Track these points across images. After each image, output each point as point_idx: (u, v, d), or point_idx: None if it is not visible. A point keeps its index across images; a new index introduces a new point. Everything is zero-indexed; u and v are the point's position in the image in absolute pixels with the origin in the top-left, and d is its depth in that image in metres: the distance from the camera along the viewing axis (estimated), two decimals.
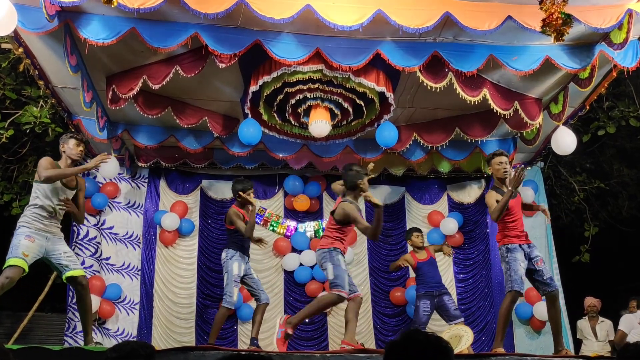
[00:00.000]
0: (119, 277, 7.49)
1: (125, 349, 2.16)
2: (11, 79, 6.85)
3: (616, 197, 9.31)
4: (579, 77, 5.62)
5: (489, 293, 7.93)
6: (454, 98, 5.58)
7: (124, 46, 5.12)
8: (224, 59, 5.01)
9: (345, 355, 4.19)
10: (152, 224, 7.71)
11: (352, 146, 7.05)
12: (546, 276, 5.05)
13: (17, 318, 8.08)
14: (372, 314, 7.83)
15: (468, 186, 8.36)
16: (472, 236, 8.17)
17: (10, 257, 4.60)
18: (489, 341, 7.60)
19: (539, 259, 5.09)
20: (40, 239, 4.69)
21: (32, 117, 6.71)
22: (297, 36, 5.03)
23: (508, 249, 5.05)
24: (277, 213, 8.11)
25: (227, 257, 5.82)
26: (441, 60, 5.18)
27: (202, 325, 7.53)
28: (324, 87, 5.62)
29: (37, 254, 4.68)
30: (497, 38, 5.03)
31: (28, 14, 4.60)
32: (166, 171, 7.97)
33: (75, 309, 7.16)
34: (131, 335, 7.35)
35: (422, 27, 4.65)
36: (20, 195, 7.59)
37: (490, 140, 7.19)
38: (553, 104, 6.26)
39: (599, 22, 4.67)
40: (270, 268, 7.92)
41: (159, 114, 6.16)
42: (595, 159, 8.99)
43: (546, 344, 7.62)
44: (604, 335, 7.55)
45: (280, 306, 7.78)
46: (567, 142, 6.15)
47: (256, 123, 6.03)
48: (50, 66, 5.62)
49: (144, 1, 4.37)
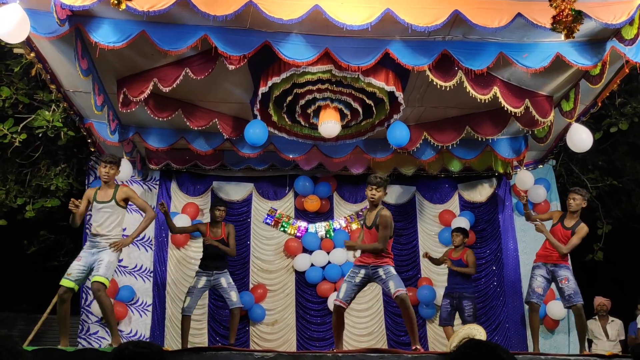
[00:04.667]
0: (131, 279, 7.54)
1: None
2: (23, 83, 6.91)
3: (629, 194, 9.20)
4: (590, 73, 5.56)
5: (501, 292, 7.89)
6: (464, 96, 5.55)
7: (134, 49, 5.15)
8: (233, 60, 5.02)
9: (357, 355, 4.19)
10: (164, 225, 7.74)
11: (362, 146, 7.04)
12: (566, 293, 5.78)
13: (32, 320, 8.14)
14: (384, 315, 7.81)
15: (479, 185, 8.32)
16: (484, 235, 8.13)
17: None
18: (501, 340, 7.56)
19: (563, 278, 5.81)
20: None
21: (45, 121, 6.76)
22: (306, 37, 5.03)
23: (533, 266, 6.14)
24: (288, 214, 8.13)
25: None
26: (451, 59, 5.16)
27: (214, 326, 7.55)
28: (333, 87, 5.62)
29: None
30: (507, 35, 5.00)
31: (39, 18, 4.64)
32: (177, 173, 8.01)
33: (89, 312, 7.25)
34: (144, 336, 7.39)
35: (431, 25, 4.63)
36: (34, 199, 7.65)
37: (501, 139, 7.16)
38: (564, 101, 6.21)
39: (609, 18, 4.62)
40: (282, 269, 7.94)
41: (170, 116, 6.19)
42: (608, 156, 8.90)
43: (559, 343, 7.58)
44: (615, 334, 7.48)
45: (292, 307, 7.79)
46: (582, 139, 6.10)
47: (262, 124, 6.03)
48: (62, 70, 5.66)
49: (153, 4, 4.39)
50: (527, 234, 8.04)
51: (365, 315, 7.76)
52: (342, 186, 8.22)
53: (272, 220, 8.04)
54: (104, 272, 5.19)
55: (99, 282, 5.14)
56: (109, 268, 5.24)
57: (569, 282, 5.77)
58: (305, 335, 7.63)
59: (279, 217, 8.07)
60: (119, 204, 5.44)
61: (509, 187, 8.22)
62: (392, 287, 5.06)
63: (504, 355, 1.76)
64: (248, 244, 7.94)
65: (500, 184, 8.27)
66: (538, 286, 5.92)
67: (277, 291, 7.82)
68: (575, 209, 5.92)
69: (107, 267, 5.21)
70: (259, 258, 7.93)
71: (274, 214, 8.05)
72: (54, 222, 8.96)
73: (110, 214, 5.41)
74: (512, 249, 7.98)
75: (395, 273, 5.15)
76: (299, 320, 7.75)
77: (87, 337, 7.18)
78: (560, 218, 6.06)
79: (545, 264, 5.95)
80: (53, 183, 7.53)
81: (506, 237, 8.07)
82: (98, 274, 5.17)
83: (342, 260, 7.78)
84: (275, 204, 8.12)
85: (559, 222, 6.01)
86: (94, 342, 7.16)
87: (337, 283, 7.73)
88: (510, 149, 7.27)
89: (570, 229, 5.89)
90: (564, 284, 5.78)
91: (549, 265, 5.92)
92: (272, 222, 8.05)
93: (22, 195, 7.61)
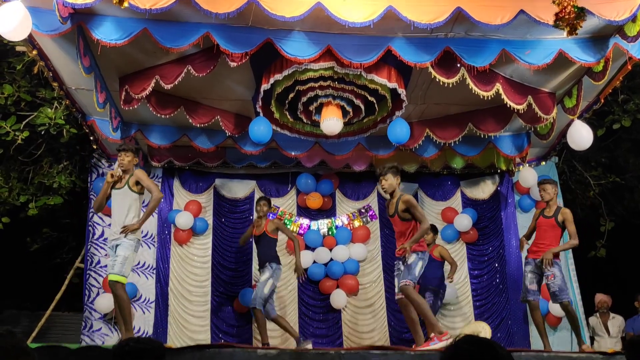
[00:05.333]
0: (134, 276, 7.54)
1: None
2: (26, 81, 6.92)
3: (632, 191, 9.19)
4: (593, 70, 5.56)
5: (504, 289, 7.88)
6: (466, 93, 5.54)
7: (136, 47, 5.16)
8: (235, 58, 5.03)
9: (360, 352, 4.20)
10: (167, 223, 7.76)
11: (364, 143, 7.04)
12: (552, 290, 5.78)
13: (35, 317, 8.17)
14: (387, 312, 7.81)
15: (482, 182, 8.31)
16: (487, 232, 8.12)
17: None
18: (504, 338, 7.56)
19: (550, 275, 5.76)
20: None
21: (47, 119, 6.77)
22: (308, 34, 5.03)
23: (524, 262, 6.21)
24: (290, 211, 8.13)
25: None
26: (453, 56, 5.15)
27: (217, 323, 7.56)
28: (336, 84, 5.62)
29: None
30: (509, 32, 4.99)
31: (41, 16, 4.66)
32: (179, 171, 8.02)
33: (92, 309, 7.27)
34: (147, 333, 7.41)
35: (433, 22, 4.63)
36: (36, 197, 7.67)
37: (503, 136, 7.15)
38: (567, 98, 6.20)
39: (612, 15, 4.62)
40: (284, 265, 7.91)
41: (172, 113, 6.20)
42: (611, 153, 8.88)
43: (562, 341, 7.57)
44: (616, 331, 7.48)
45: (295, 303, 7.80)
46: (583, 137, 6.09)
47: (266, 121, 6.04)
48: (64, 68, 5.67)
49: (155, 1, 4.39)
50: None
51: (367, 312, 7.77)
52: (344, 183, 8.22)
53: (275, 217, 8.05)
54: (119, 269, 5.14)
55: (111, 281, 5.12)
56: (123, 264, 5.15)
57: (555, 278, 5.74)
58: (308, 332, 7.63)
59: (281, 214, 8.07)
60: (132, 188, 5.35)
61: (512, 184, 8.22)
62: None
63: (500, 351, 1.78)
64: (250, 241, 7.94)
65: (502, 181, 8.26)
66: (530, 283, 5.92)
67: (280, 288, 7.81)
68: (549, 199, 5.97)
69: (122, 264, 5.15)
70: None
71: (276, 211, 8.06)
72: (56, 220, 8.99)
73: (123, 200, 5.34)
74: (514, 246, 7.97)
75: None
76: (301, 317, 7.76)
77: (90, 334, 7.20)
78: (541, 211, 6.13)
79: (534, 260, 5.94)
80: (55, 181, 7.54)
81: (509, 234, 8.06)
82: (110, 272, 5.16)
83: (344, 257, 7.78)
84: (277, 201, 8.13)
85: (540, 215, 6.08)
86: (97, 339, 7.18)
87: (339, 280, 7.75)
88: (513, 146, 7.26)
89: (552, 217, 5.92)
90: (550, 280, 5.75)
91: (537, 261, 5.90)
92: (275, 219, 8.06)
93: (25, 193, 7.62)
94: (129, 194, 5.34)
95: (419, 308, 5.13)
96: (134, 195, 5.36)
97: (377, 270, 7.98)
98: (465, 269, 7.97)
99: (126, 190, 5.34)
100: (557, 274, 5.76)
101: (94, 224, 7.59)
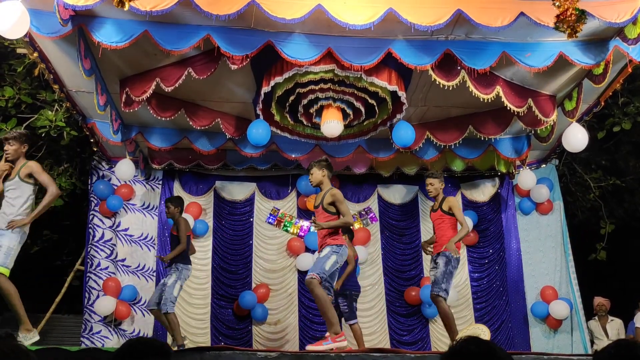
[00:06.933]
0: (134, 279, 7.55)
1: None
2: (26, 83, 6.93)
3: (632, 193, 9.19)
4: (593, 73, 5.55)
5: (504, 292, 7.88)
6: (466, 96, 5.55)
7: (136, 49, 5.16)
8: (235, 60, 5.03)
9: (360, 355, 4.19)
10: (167, 225, 7.75)
11: (364, 146, 7.04)
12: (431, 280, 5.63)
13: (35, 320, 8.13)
14: (387, 314, 7.81)
15: (482, 184, 8.31)
16: (487, 235, 8.12)
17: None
18: (504, 340, 7.56)
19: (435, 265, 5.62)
20: None
21: (47, 121, 6.78)
22: (308, 36, 5.02)
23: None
24: (290, 213, 8.13)
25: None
26: (453, 58, 5.15)
27: (217, 326, 7.56)
28: (336, 87, 5.62)
29: None
30: (509, 35, 4.99)
31: (42, 18, 4.66)
32: (180, 173, 8.03)
33: (92, 311, 7.25)
34: (147, 336, 7.39)
35: (433, 24, 4.62)
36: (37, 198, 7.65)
37: (503, 138, 7.15)
38: (567, 101, 6.20)
39: (613, 17, 4.61)
40: (284, 268, 7.94)
41: (172, 116, 6.20)
42: (611, 155, 8.89)
43: (562, 343, 7.57)
44: (615, 333, 7.47)
45: (295, 306, 7.79)
46: (578, 139, 6.09)
47: (264, 123, 6.04)
48: (65, 70, 5.68)
49: (156, 4, 4.39)
50: (530, 234, 8.04)
51: (367, 314, 7.76)
52: (344, 186, 8.22)
53: (275, 219, 8.05)
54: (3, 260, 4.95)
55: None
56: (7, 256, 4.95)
57: (436, 269, 5.55)
58: (308, 335, 7.62)
59: (281, 216, 8.07)
60: (23, 179, 5.02)
61: (512, 186, 8.22)
62: None
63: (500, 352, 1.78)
64: (251, 243, 7.96)
65: (503, 183, 8.26)
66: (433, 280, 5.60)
67: (280, 291, 7.82)
68: (435, 194, 5.83)
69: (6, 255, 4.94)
70: (262, 257, 7.94)
71: (276, 213, 8.06)
72: (57, 222, 8.98)
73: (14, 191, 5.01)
74: (514, 248, 7.98)
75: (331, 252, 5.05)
76: (301, 319, 7.75)
77: (90, 337, 7.19)
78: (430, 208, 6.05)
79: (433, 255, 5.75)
80: (56, 183, 7.53)
81: (509, 236, 8.06)
82: None
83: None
84: (277, 203, 8.13)
85: (430, 211, 6.00)
86: (97, 341, 7.17)
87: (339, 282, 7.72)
88: (513, 149, 7.26)
89: (438, 208, 5.78)
90: (434, 270, 5.60)
91: (434, 256, 5.71)
92: (275, 221, 8.06)
93: None
94: (21, 184, 5.01)
95: (320, 304, 4.88)
96: (27, 186, 5.04)
97: (378, 272, 7.97)
98: (466, 271, 7.97)
99: (17, 181, 5.01)
100: (441, 266, 5.52)
101: (95, 227, 7.59)
